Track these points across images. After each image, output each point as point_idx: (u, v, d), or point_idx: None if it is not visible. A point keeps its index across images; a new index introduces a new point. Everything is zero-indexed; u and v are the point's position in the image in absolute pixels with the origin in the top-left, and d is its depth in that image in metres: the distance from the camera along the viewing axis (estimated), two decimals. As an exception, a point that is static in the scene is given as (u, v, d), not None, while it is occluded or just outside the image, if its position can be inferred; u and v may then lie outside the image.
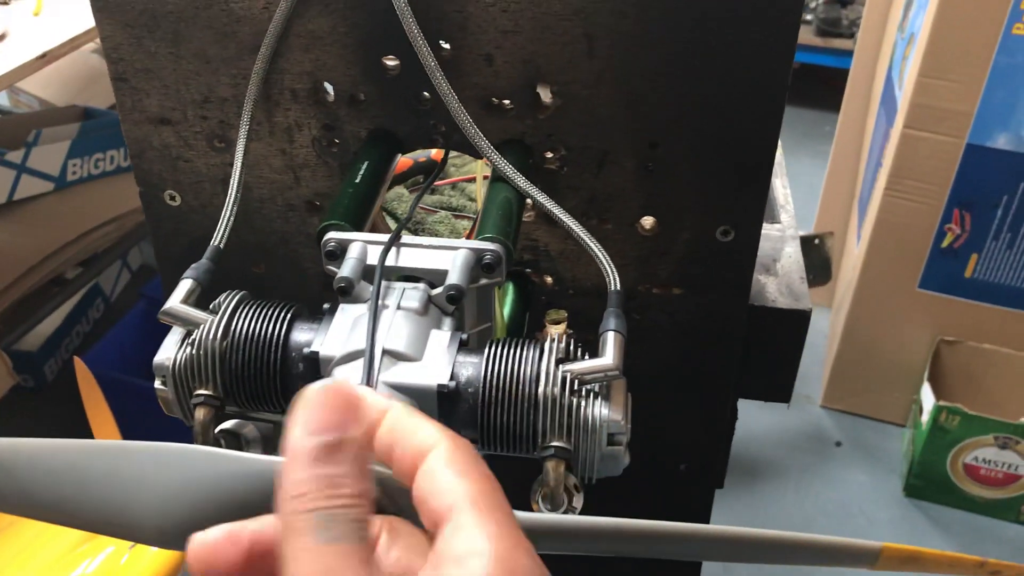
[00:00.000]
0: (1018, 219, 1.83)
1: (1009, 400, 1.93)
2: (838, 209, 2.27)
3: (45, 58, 1.48)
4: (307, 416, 0.41)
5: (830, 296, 2.28)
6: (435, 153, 1.11)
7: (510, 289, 0.83)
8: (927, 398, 1.89)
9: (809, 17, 2.78)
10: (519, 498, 0.53)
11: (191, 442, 0.59)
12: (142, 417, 1.78)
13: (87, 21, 1.56)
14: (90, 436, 1.41)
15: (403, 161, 1.08)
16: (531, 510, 0.61)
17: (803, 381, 2.17)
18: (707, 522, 0.98)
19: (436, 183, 1.10)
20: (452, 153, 0.86)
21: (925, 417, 1.88)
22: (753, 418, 2.08)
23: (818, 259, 1.88)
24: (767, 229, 0.93)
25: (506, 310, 0.82)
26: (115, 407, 1.54)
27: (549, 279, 0.82)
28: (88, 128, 2.12)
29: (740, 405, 0.92)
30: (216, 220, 0.79)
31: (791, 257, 0.89)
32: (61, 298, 2.00)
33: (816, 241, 1.87)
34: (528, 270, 0.82)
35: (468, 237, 1.06)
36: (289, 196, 0.81)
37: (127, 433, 1.39)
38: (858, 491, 1.95)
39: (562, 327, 0.86)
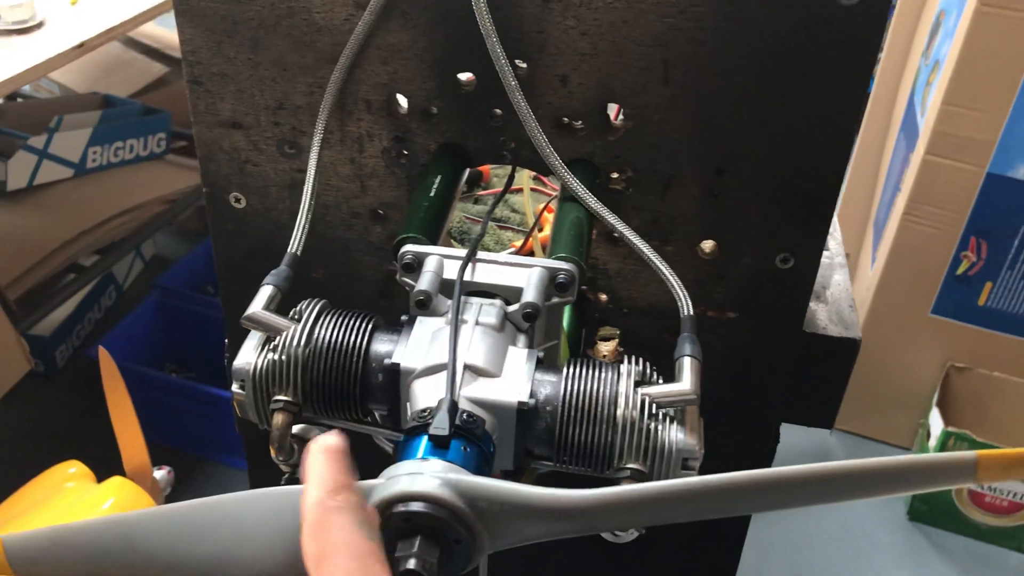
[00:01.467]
0: (1034, 250, 1.86)
1: (1018, 429, 1.95)
2: (853, 230, 2.29)
3: (82, 47, 1.49)
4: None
5: (840, 317, 2.30)
6: (485, 168, 1.12)
7: (568, 306, 0.84)
8: (935, 423, 1.91)
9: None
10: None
11: (202, 435, 0.60)
12: (153, 407, 1.79)
13: (124, 12, 1.57)
14: (104, 424, 1.41)
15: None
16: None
17: (811, 400, 2.20)
18: (742, 544, 1.00)
19: (481, 194, 1.11)
20: (495, 167, 0.87)
21: (933, 442, 1.90)
22: (761, 435, 2.11)
23: (833, 280, 1.90)
24: (815, 256, 0.94)
25: (564, 327, 0.83)
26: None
27: (604, 297, 0.84)
28: (109, 116, 2.13)
29: None
30: (279, 224, 0.81)
31: (840, 284, 0.90)
32: (76, 285, 2.00)
33: (832, 262, 1.89)
34: (584, 287, 0.83)
35: (515, 247, 1.07)
36: (354, 204, 0.82)
37: (140, 423, 1.40)
38: (862, 513, 1.97)
39: (613, 344, 0.88)
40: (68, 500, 1.36)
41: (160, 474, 1.50)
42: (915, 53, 2.08)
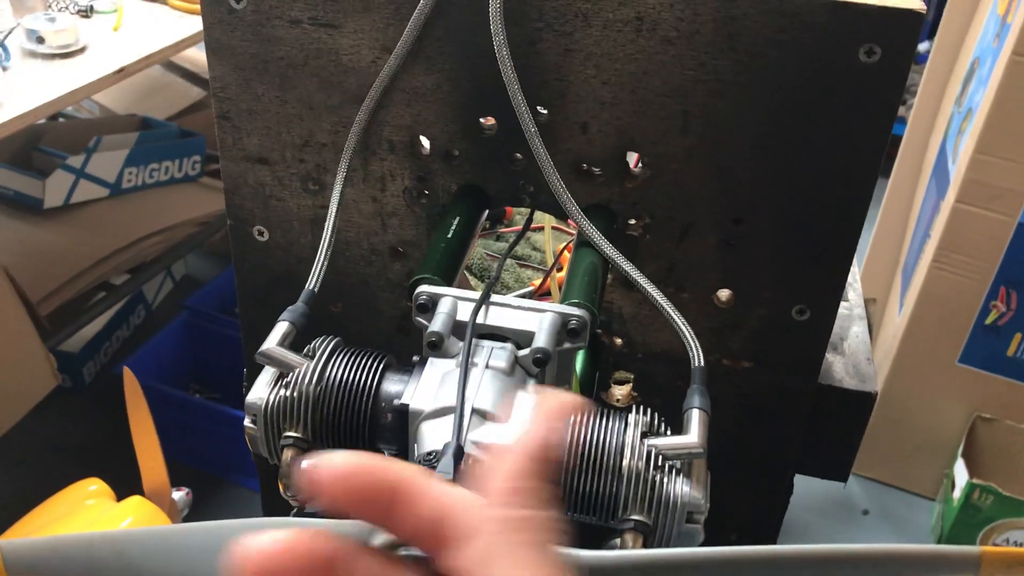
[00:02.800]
0: (1065, 302, 1.83)
1: (1045, 484, 1.92)
2: (881, 276, 2.27)
3: (122, 72, 1.52)
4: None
5: (867, 361, 2.28)
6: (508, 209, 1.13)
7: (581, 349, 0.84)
8: (960, 474, 1.89)
9: (863, 81, 2.81)
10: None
11: (223, 456, 0.61)
12: (175, 427, 1.81)
13: (164, 39, 1.60)
14: (127, 441, 1.43)
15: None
16: None
17: (834, 445, 2.18)
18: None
19: (503, 231, 1.12)
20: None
21: (957, 493, 1.88)
22: (782, 478, 2.09)
23: (859, 325, 1.89)
24: (834, 306, 0.94)
25: (577, 369, 0.83)
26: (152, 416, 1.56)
27: (619, 341, 0.84)
28: (145, 138, 2.16)
29: None
30: (300, 258, 0.82)
31: (858, 336, 0.90)
32: (107, 303, 2.03)
33: (859, 307, 1.88)
34: (599, 331, 0.84)
35: (534, 286, 1.08)
36: (375, 241, 0.83)
37: (162, 442, 1.41)
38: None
39: (627, 388, 0.88)
40: (87, 517, 1.37)
41: (179, 495, 1.51)
42: (948, 100, 2.07)
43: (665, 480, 0.60)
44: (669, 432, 0.62)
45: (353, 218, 0.82)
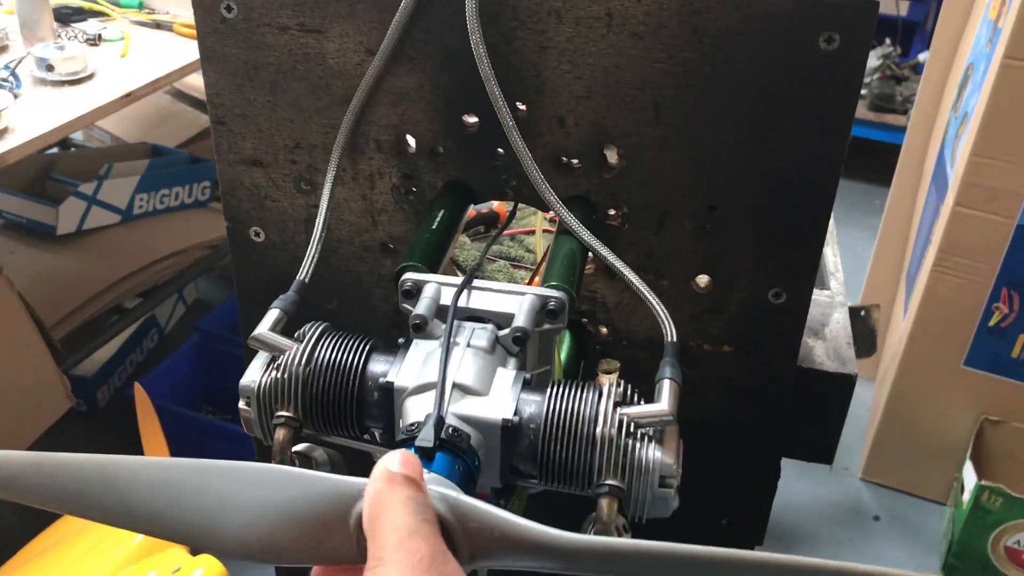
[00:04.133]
0: (1067, 302, 1.85)
1: (1054, 485, 1.93)
2: (886, 282, 2.29)
3: (129, 97, 1.58)
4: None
5: (874, 368, 2.29)
6: (497, 206, 1.17)
7: (567, 337, 0.88)
8: (969, 477, 1.90)
9: (863, 92, 2.84)
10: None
11: None
12: (188, 447, 1.84)
13: (170, 64, 1.66)
14: None
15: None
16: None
17: (843, 453, 2.18)
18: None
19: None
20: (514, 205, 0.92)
21: (966, 496, 1.89)
22: (791, 487, 2.10)
23: (864, 331, 1.91)
24: (817, 295, 0.97)
25: (563, 356, 0.87)
26: (165, 436, 1.60)
27: (604, 330, 0.87)
28: (156, 165, 2.23)
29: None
30: (296, 257, 0.86)
31: (839, 323, 0.93)
32: (119, 327, 2.08)
33: (862, 313, 1.89)
34: (584, 320, 0.87)
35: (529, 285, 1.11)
36: (366, 238, 0.87)
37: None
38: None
39: (614, 376, 0.91)
40: (97, 536, 1.41)
41: (189, 510, 1.54)
42: (945, 106, 2.10)
43: (637, 446, 0.63)
44: (642, 402, 0.65)
45: (344, 216, 0.86)
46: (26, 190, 2.09)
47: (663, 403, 0.65)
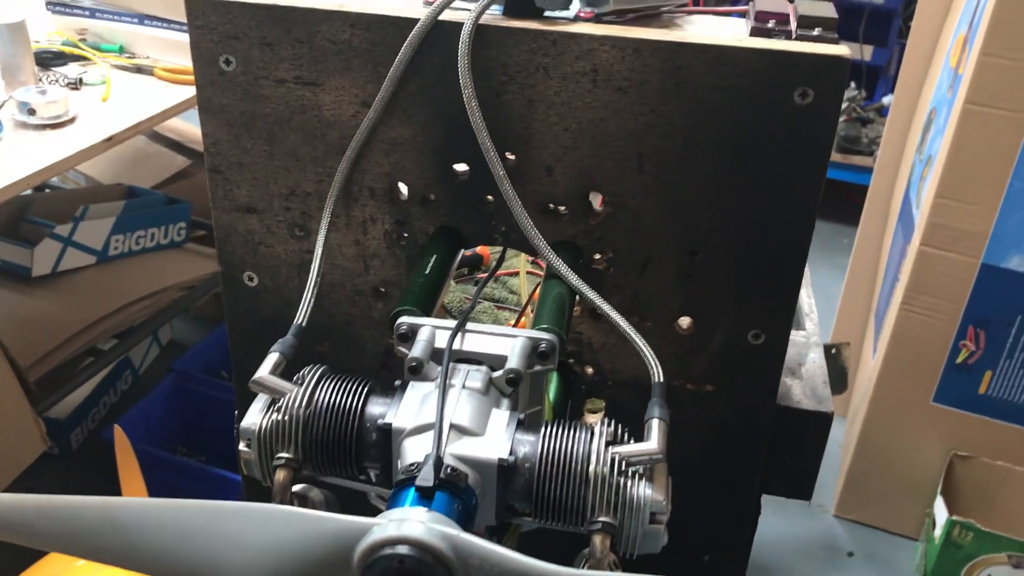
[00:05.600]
0: (1031, 339, 1.91)
1: (1022, 518, 1.97)
2: (855, 321, 2.35)
3: (111, 141, 1.60)
4: None
5: (845, 406, 2.34)
6: (481, 248, 1.21)
7: (554, 377, 0.91)
8: (940, 512, 1.94)
9: (830, 134, 2.92)
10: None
11: None
12: (164, 489, 1.84)
13: (151, 108, 1.69)
14: None
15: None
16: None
17: (817, 490, 2.20)
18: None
19: (481, 276, 1.19)
20: (497, 249, 0.95)
21: (938, 531, 1.93)
22: (766, 523, 2.12)
23: (835, 369, 1.95)
24: (793, 335, 1.01)
25: (550, 397, 0.90)
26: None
27: (590, 370, 0.91)
28: (131, 206, 2.24)
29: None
30: (289, 301, 0.89)
31: (815, 362, 0.97)
32: (94, 368, 2.08)
33: (833, 351, 1.94)
34: (571, 360, 0.90)
35: (511, 326, 1.14)
36: (358, 283, 0.90)
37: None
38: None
39: (599, 416, 0.94)
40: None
41: (168, 552, 1.54)
42: (910, 149, 2.17)
43: (628, 483, 0.66)
44: (632, 441, 0.68)
45: (337, 261, 0.89)
46: (1, 232, 2.09)
47: (652, 442, 0.68)
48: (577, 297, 0.82)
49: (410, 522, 0.59)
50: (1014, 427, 1.98)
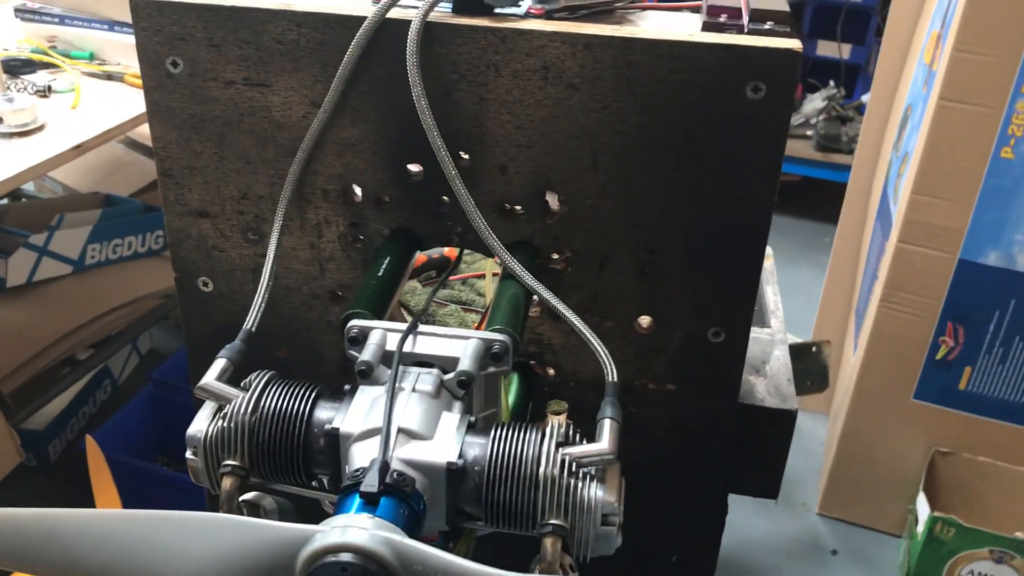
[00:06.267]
0: (1010, 334, 1.90)
1: (1005, 514, 1.97)
2: (836, 318, 2.34)
3: (80, 149, 1.58)
4: None
5: (827, 404, 2.33)
6: (448, 250, 1.19)
7: (515, 379, 0.90)
8: (922, 509, 1.93)
9: (810, 133, 2.92)
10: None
11: None
12: (143, 499, 1.82)
13: (121, 115, 1.67)
14: None
15: (418, 257, 1.16)
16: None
17: (800, 488, 2.21)
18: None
19: (451, 278, 1.18)
20: (465, 252, 0.94)
21: (920, 528, 1.92)
22: (750, 523, 2.12)
23: (816, 367, 1.95)
24: (757, 333, 1.00)
25: (511, 399, 0.88)
26: (118, 488, 1.59)
27: (552, 371, 0.89)
28: (108, 215, 2.22)
29: (737, 510, 0.98)
30: (244, 306, 0.87)
31: (780, 360, 0.96)
32: (72, 378, 2.06)
33: (814, 349, 1.94)
34: (532, 362, 0.89)
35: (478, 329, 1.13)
36: (314, 286, 0.88)
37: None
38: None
39: (562, 418, 0.93)
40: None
41: (144, 563, 1.53)
42: (887, 147, 2.17)
43: (580, 485, 0.65)
44: (584, 442, 0.67)
45: (292, 265, 0.88)
46: (-26, 242, 2.07)
47: (604, 442, 0.67)
48: (535, 298, 0.81)
49: (353, 529, 0.57)
50: (994, 422, 1.98)
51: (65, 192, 2.39)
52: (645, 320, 0.85)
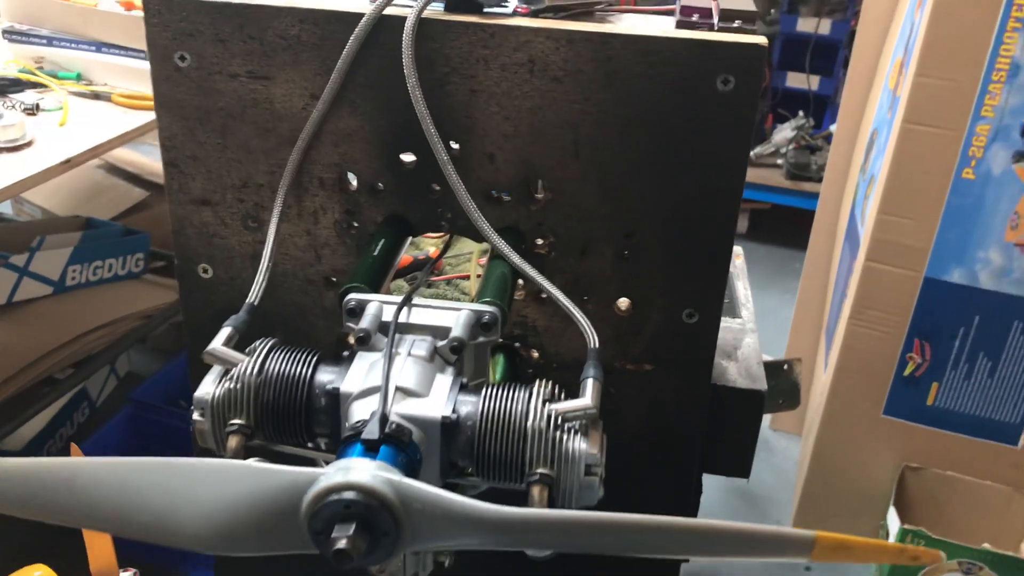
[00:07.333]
0: (975, 350, 1.98)
1: (973, 528, 2.03)
2: (807, 339, 2.42)
3: (69, 163, 1.63)
4: None
5: (799, 423, 2.40)
6: (433, 251, 1.25)
7: (501, 360, 0.95)
8: (893, 522, 1.99)
9: (780, 161, 3.02)
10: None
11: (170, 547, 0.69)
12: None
13: (109, 132, 1.73)
14: (70, 539, 1.47)
15: (404, 258, 1.22)
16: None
17: (774, 506, 2.27)
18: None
19: (434, 279, 1.24)
20: (448, 255, 1.00)
21: (891, 541, 1.98)
22: (725, 541, 2.17)
23: (787, 384, 2.01)
24: (729, 323, 1.07)
25: (497, 379, 0.94)
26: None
27: (535, 353, 0.95)
28: (89, 237, 2.26)
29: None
30: (242, 292, 0.93)
31: (750, 346, 1.02)
32: (50, 398, 2.09)
33: (785, 367, 2.01)
34: (517, 344, 0.95)
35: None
36: (310, 272, 0.94)
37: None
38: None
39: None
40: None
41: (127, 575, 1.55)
42: (854, 171, 2.26)
43: (565, 438, 0.71)
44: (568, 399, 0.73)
45: (289, 251, 0.93)
46: (-46, 263, 2.10)
47: (587, 398, 0.73)
48: (521, 281, 0.87)
49: (356, 470, 0.63)
50: (962, 437, 2.05)
51: (44, 215, 2.44)
52: (624, 302, 0.92)
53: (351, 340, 0.77)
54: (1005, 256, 1.94)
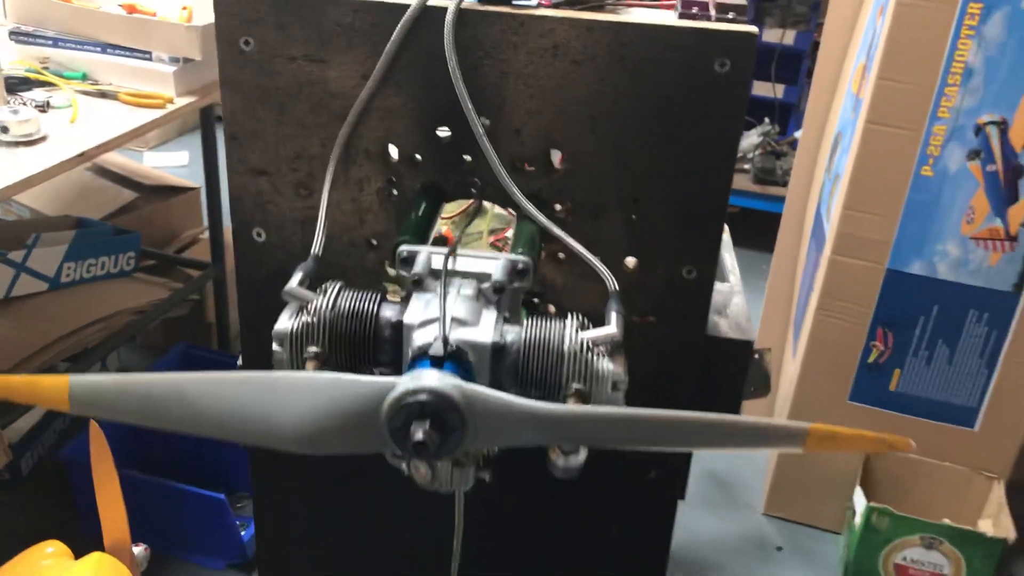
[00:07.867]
0: (934, 338, 2.17)
1: (934, 506, 2.21)
2: (775, 332, 2.60)
3: (83, 156, 1.76)
4: None
5: (770, 410, 2.58)
6: (446, 230, 1.40)
7: (523, 314, 1.10)
8: (859, 501, 2.17)
9: (747, 167, 3.22)
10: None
11: (169, 533, 0.78)
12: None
13: (118, 128, 1.86)
14: (68, 530, 1.57)
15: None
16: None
17: (746, 490, 2.44)
18: (671, 532, 1.24)
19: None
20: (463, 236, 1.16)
21: (858, 519, 2.15)
22: (700, 524, 2.33)
23: (758, 373, 2.18)
24: (720, 286, 1.23)
25: (521, 328, 1.09)
26: (91, 497, 1.70)
27: (553, 308, 1.11)
28: (82, 236, 2.38)
29: (687, 511, 1.16)
30: (292, 254, 1.07)
31: (738, 305, 1.19)
32: (47, 391, 2.19)
33: (756, 356, 2.17)
34: (536, 300, 1.10)
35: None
36: (353, 235, 1.09)
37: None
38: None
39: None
40: (45, 576, 1.50)
41: (138, 550, 1.65)
42: (819, 171, 2.45)
43: (595, 359, 0.86)
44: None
45: (336, 216, 1.08)
46: (-48, 258, 2.21)
47: (612, 327, 0.88)
48: (543, 244, 1.02)
49: (427, 377, 0.77)
50: (923, 421, 2.23)
51: (32, 215, 2.54)
52: (631, 261, 1.07)
53: (408, 284, 0.91)
54: (962, 248, 2.13)
